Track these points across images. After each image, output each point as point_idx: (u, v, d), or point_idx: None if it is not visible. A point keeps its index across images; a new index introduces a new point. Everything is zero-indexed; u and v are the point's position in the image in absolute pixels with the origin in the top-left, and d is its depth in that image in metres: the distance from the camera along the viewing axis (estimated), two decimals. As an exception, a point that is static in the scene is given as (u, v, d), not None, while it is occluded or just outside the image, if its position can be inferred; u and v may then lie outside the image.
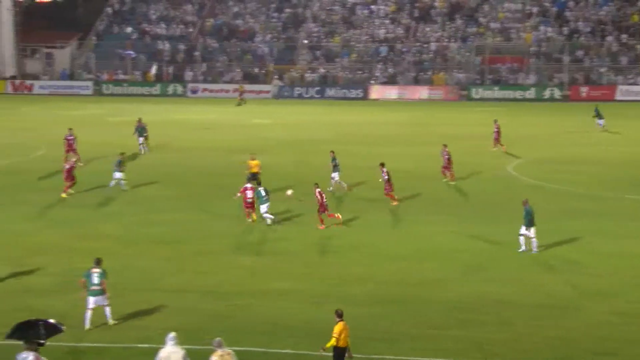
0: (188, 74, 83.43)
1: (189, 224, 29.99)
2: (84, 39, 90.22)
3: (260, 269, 24.91)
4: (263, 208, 29.64)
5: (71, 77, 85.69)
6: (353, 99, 77.58)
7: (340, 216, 29.94)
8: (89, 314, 20.04)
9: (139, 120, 44.37)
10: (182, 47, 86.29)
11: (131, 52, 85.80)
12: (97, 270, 20.20)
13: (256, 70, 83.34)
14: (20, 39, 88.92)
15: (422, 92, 77.68)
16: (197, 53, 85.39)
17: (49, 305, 21.06)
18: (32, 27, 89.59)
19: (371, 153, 42.94)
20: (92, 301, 20.02)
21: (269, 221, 29.59)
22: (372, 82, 79.81)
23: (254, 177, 32.76)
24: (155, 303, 21.41)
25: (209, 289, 22.89)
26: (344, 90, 79.30)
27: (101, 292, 20.04)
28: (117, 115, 64.64)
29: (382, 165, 33.32)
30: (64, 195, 33.86)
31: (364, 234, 28.74)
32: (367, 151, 44.37)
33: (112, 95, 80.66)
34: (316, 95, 79.00)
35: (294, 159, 44.21)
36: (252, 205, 29.88)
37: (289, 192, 31.79)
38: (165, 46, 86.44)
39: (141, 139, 43.39)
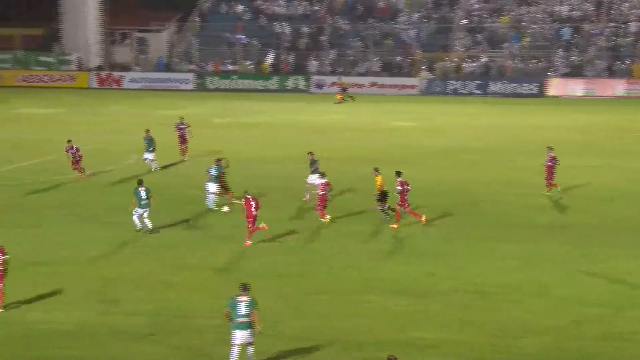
0: (312, 64, 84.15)
1: (305, 253, 30.03)
2: (184, 20, 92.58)
3: (400, 313, 24.58)
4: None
5: (168, 67, 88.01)
6: (525, 95, 76.29)
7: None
8: (235, 352, 20.14)
9: (147, 131, 44.67)
10: (305, 30, 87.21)
11: (242, 37, 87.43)
12: (246, 298, 20.30)
13: (399, 59, 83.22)
14: (107, 22, 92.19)
15: (617, 87, 75.67)
16: (324, 38, 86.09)
17: (142, 352, 21.40)
18: (122, 7, 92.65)
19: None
20: (238, 336, 20.11)
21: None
22: (550, 74, 78.29)
23: (382, 198, 33.80)
24: (272, 352, 21.41)
25: (334, 337, 22.69)
26: (513, 85, 78.06)
27: (249, 326, 20.12)
28: (225, 115, 65.83)
29: (398, 174, 33.52)
30: (225, 209, 34.35)
31: (531, 271, 28.11)
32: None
33: (218, 90, 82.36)
34: (477, 91, 78.10)
35: (446, 173, 43.73)
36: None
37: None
38: (285, 29, 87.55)
39: (149, 155, 43.47)
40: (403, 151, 49.12)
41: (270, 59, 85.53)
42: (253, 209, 30.77)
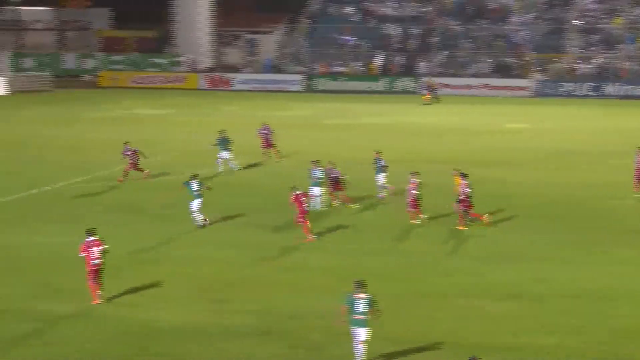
0: (422, 66, 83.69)
1: (415, 255, 29.80)
2: (294, 22, 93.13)
3: (511, 317, 24.17)
4: None
5: (277, 69, 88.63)
6: (641, 98, 74.70)
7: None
8: (360, 349, 20.17)
9: (222, 132, 44.82)
10: (415, 31, 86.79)
11: (351, 38, 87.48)
12: (364, 296, 20.33)
13: (511, 60, 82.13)
14: (218, 24, 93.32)
15: None
16: (434, 39, 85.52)
17: (257, 351, 21.48)
18: (233, 9, 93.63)
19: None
20: (361, 333, 20.11)
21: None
22: (667, 75, 76.46)
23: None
24: (380, 353, 21.30)
25: (443, 340, 22.44)
26: (629, 87, 76.43)
27: (367, 324, 20.10)
28: (334, 117, 65.96)
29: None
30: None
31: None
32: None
33: (326, 91, 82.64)
34: (591, 93, 76.64)
35: (554, 175, 43.00)
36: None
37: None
38: (394, 30, 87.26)
39: (225, 153, 43.49)
40: (514, 154, 48.50)
41: (379, 60, 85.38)
42: (305, 205, 31.13)
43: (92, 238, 25.14)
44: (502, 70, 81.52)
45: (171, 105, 73.89)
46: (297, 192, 31.39)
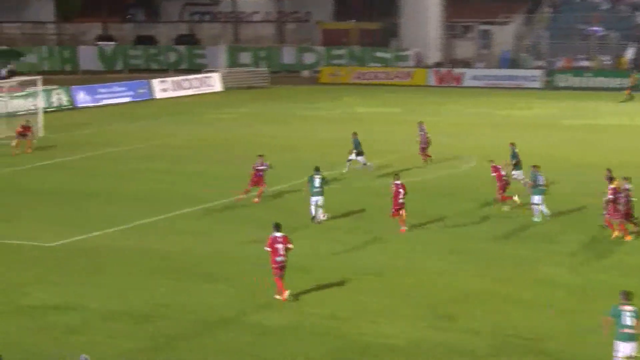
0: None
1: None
2: (533, 11, 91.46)
3: None
4: None
5: (514, 63, 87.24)
6: None
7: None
8: None
9: (354, 134, 44.14)
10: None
11: (599, 29, 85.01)
12: (631, 308, 19.97)
13: None
14: (449, 14, 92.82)
15: None
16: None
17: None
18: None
19: None
20: (622, 348, 19.80)
21: None
22: None
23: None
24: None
25: None
26: None
27: (633, 338, 19.75)
28: (574, 117, 64.27)
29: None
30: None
31: None
32: None
33: (569, 88, 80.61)
34: None
35: None
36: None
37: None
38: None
39: (358, 157, 43.60)
40: None
41: (630, 53, 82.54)
42: (401, 197, 32.99)
43: (279, 234, 25.84)
44: None
45: (396, 103, 73.93)
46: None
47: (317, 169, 35.15)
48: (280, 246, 25.71)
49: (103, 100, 73.87)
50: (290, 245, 25.89)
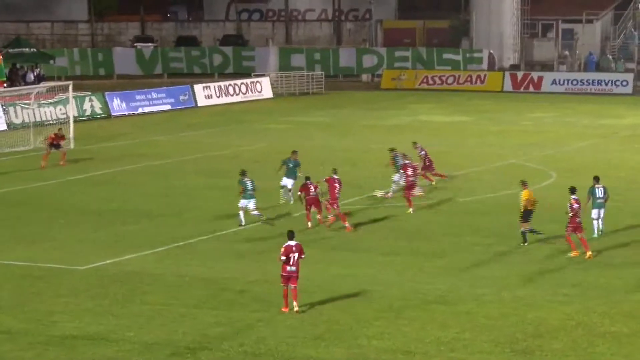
0: None
1: None
2: (623, 8, 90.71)
3: None
4: None
5: (600, 67, 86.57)
6: None
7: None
8: None
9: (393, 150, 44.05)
10: None
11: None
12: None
13: None
14: (526, 11, 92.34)
15: None
16: None
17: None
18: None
19: None
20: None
21: None
22: None
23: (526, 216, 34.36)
24: None
25: None
26: None
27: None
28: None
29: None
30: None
31: None
32: None
33: (665, 95, 79.92)
34: None
35: None
36: None
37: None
38: None
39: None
40: None
41: None
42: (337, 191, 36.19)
43: (293, 243, 26.90)
44: None
45: (467, 110, 73.58)
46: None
47: (243, 172, 37.72)
48: (294, 255, 26.91)
49: (140, 108, 74.27)
50: (303, 255, 27.12)
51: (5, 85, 71.06)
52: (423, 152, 45.21)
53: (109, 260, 32.93)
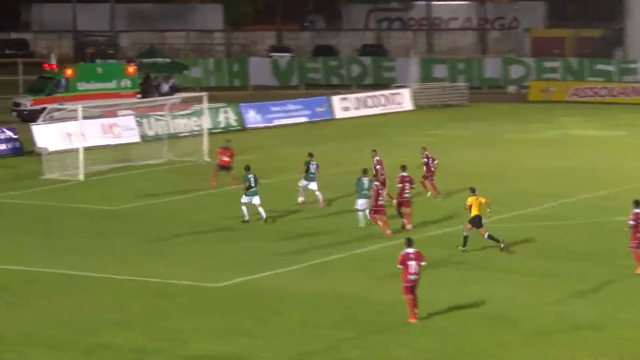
0: None
1: None
2: None
3: None
4: None
5: None
6: None
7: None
8: None
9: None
10: None
11: None
12: None
13: None
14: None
15: None
16: None
17: None
18: None
19: None
20: None
21: None
22: None
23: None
24: None
25: None
26: None
27: None
28: None
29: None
30: None
31: None
32: None
33: None
34: None
35: None
36: None
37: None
38: None
39: None
40: None
41: None
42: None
43: (411, 250, 27.57)
44: None
45: (621, 124, 72.46)
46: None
47: (247, 167, 41.54)
48: (412, 263, 27.49)
49: (275, 120, 74.75)
50: (423, 263, 27.61)
51: (138, 96, 72.45)
52: (425, 160, 45.39)
53: (242, 277, 33.17)
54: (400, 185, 39.81)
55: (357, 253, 36.47)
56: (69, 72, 72.27)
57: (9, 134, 59.70)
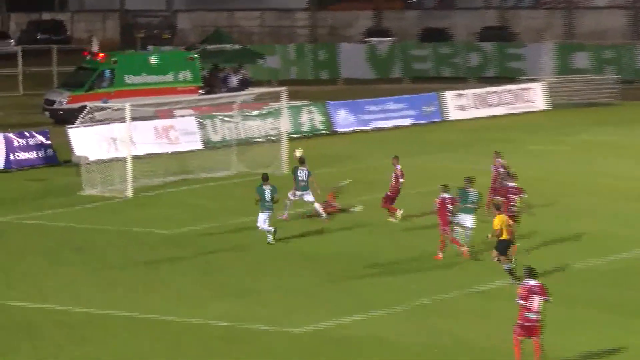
0: None
1: None
2: None
3: None
4: None
5: None
6: None
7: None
8: None
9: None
10: None
11: None
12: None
13: None
14: None
15: None
16: None
17: None
18: None
19: None
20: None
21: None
22: None
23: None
24: None
25: None
26: None
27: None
28: None
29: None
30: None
31: None
32: None
33: None
34: None
35: None
36: None
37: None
38: None
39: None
40: None
41: None
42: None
43: (534, 282, 27.26)
44: None
45: None
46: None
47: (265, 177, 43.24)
48: (536, 298, 27.14)
49: (373, 123, 74.62)
50: (550, 298, 27.34)
51: (201, 92, 72.54)
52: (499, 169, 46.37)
53: (329, 321, 33.08)
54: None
55: (469, 292, 36.20)
56: (114, 61, 72.70)
57: (40, 139, 59.87)
